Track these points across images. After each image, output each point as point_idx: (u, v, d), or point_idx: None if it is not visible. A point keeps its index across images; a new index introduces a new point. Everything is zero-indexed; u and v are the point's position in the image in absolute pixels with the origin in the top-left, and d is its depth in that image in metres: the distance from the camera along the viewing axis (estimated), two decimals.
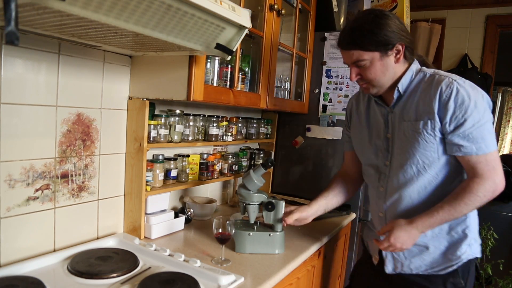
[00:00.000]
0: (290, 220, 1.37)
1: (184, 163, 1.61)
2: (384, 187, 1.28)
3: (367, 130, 1.34)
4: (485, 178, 1.12)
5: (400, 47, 1.17)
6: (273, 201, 1.38)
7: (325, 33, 2.13)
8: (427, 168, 1.18)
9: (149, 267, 1.16)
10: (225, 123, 1.81)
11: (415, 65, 1.23)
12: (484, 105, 1.11)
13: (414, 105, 1.18)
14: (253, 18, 1.34)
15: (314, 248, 1.50)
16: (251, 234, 1.37)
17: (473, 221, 1.23)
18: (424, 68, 1.24)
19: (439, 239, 1.21)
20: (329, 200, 1.47)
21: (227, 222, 1.24)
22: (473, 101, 1.09)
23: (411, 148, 1.18)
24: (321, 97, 2.16)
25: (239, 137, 1.95)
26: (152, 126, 1.41)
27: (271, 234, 1.38)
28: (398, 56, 1.19)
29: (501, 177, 1.13)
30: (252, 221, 1.41)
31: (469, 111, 1.09)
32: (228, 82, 1.54)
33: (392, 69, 1.20)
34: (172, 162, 1.54)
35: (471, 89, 1.12)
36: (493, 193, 1.13)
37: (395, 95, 1.22)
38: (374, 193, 1.34)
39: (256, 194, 1.39)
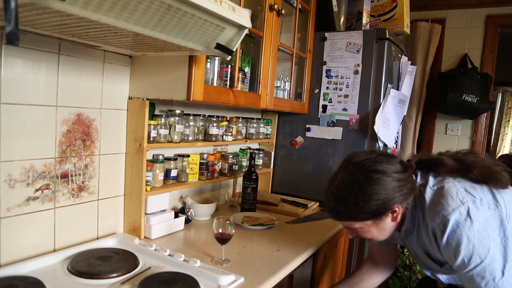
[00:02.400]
0: None
1: (184, 163, 1.61)
2: None
3: None
4: None
5: (395, 208, 1.06)
6: None
7: (325, 33, 2.13)
8: None
9: (149, 267, 1.16)
10: (225, 123, 1.81)
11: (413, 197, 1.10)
12: (478, 226, 0.99)
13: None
14: (253, 18, 1.34)
15: (314, 248, 1.50)
16: None
17: None
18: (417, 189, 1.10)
19: None
20: (350, 286, 1.40)
21: (227, 222, 1.24)
22: None
23: None
24: (321, 97, 2.15)
25: (239, 137, 1.95)
26: (152, 126, 1.41)
27: None
28: (395, 215, 1.08)
29: None
30: None
31: None
32: (228, 82, 1.54)
33: (390, 227, 1.11)
34: (172, 162, 1.54)
35: None
36: None
37: (402, 233, 1.15)
38: None
39: None
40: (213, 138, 1.71)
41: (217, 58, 1.47)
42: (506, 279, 0.95)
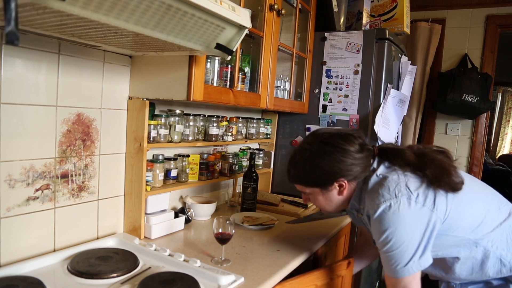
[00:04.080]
0: None
1: (184, 163, 1.61)
2: None
3: None
4: None
5: (342, 182, 1.16)
6: None
7: (325, 33, 2.13)
8: None
9: (149, 267, 1.16)
10: (225, 123, 1.81)
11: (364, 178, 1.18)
12: (404, 216, 1.06)
13: None
14: (253, 18, 1.34)
15: (314, 248, 1.50)
16: None
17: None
18: (370, 175, 1.16)
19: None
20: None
21: (227, 222, 1.24)
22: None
23: None
24: (321, 97, 2.15)
25: (239, 137, 1.95)
26: (152, 126, 1.41)
27: None
28: (341, 189, 1.18)
29: None
30: None
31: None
32: (228, 82, 1.54)
33: (337, 200, 1.21)
34: (172, 162, 1.54)
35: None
36: None
37: (354, 212, 1.25)
38: None
39: None
40: (213, 138, 1.71)
41: (217, 58, 1.47)
42: (406, 269, 1.06)
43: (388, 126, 2.06)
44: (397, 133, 2.27)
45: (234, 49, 1.06)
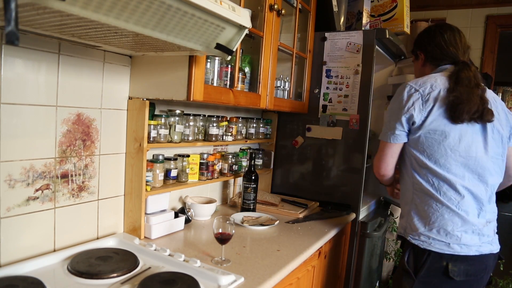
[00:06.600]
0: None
1: (184, 163, 1.61)
2: None
3: None
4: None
5: (421, 55, 1.46)
6: None
7: (325, 33, 2.13)
8: None
9: (149, 267, 1.16)
10: (225, 123, 1.81)
11: (437, 71, 1.40)
12: (400, 97, 1.32)
13: None
14: (253, 18, 1.34)
15: (314, 248, 1.50)
16: None
17: (420, 208, 1.35)
18: (433, 74, 1.38)
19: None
20: None
21: (227, 222, 1.24)
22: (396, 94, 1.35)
23: None
24: (321, 97, 2.15)
25: (239, 137, 1.95)
26: (152, 126, 1.41)
27: None
28: (419, 60, 1.47)
29: (378, 165, 1.42)
30: None
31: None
32: (228, 82, 1.54)
33: (419, 71, 1.49)
34: (172, 162, 1.54)
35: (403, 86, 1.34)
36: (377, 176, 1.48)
37: None
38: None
39: None
40: (213, 138, 1.71)
41: (217, 58, 1.47)
42: (384, 135, 1.37)
43: None
44: None
45: (234, 49, 1.06)
